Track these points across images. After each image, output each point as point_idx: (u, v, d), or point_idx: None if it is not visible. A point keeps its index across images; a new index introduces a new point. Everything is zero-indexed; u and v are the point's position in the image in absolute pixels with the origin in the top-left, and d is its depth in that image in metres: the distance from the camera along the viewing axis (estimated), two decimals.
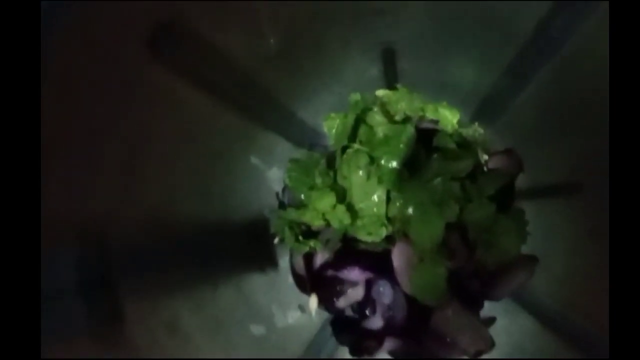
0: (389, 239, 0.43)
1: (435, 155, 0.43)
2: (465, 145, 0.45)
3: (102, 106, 0.26)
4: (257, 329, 0.42)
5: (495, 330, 0.44)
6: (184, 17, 0.28)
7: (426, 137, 0.44)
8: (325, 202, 0.43)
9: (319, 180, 0.44)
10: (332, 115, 0.45)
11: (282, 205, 0.47)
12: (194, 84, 0.32)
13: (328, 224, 0.43)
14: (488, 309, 0.46)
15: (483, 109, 0.45)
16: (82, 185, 0.26)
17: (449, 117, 0.45)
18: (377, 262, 0.44)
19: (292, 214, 0.44)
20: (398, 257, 0.43)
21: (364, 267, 0.44)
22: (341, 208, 0.42)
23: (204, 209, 0.40)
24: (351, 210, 0.42)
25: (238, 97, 0.37)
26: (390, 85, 0.45)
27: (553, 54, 0.35)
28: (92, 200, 0.27)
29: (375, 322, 0.44)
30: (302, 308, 0.46)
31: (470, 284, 0.45)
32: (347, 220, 0.42)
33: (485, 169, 0.47)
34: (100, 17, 0.24)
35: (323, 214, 0.43)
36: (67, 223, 0.26)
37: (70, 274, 0.25)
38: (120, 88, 0.27)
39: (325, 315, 0.47)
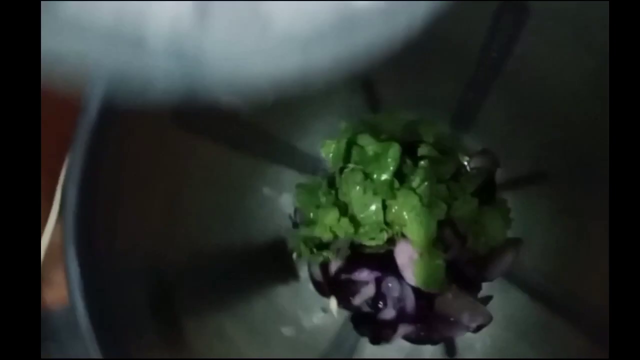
0: (390, 241, 0.49)
1: (420, 164, 0.49)
2: (446, 152, 0.51)
3: (147, 168, 0.33)
4: (287, 331, 0.48)
5: (492, 306, 0.50)
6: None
7: (411, 150, 0.50)
8: (331, 216, 0.48)
9: (323, 199, 0.50)
10: (327, 141, 0.51)
11: (295, 225, 0.53)
12: (211, 140, 0.39)
13: (335, 236, 0.49)
14: (485, 289, 0.52)
15: (457, 119, 0.51)
16: (139, 227, 0.34)
17: (428, 130, 0.51)
18: (383, 262, 0.49)
19: (304, 231, 0.50)
20: (400, 255, 0.49)
21: (372, 268, 0.50)
22: (345, 220, 0.48)
23: (232, 237, 0.46)
24: (354, 221, 0.48)
25: (247, 143, 0.44)
26: (374, 110, 0.51)
27: (499, 70, 0.41)
28: (146, 239, 0.34)
29: (388, 313, 0.50)
30: (325, 309, 0.52)
31: (466, 270, 0.50)
32: (351, 230, 0.48)
33: (467, 169, 0.52)
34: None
35: (330, 227, 0.48)
36: (136, 254, 0.33)
37: (139, 291, 0.32)
38: (155, 152, 0.34)
39: (345, 313, 0.52)
